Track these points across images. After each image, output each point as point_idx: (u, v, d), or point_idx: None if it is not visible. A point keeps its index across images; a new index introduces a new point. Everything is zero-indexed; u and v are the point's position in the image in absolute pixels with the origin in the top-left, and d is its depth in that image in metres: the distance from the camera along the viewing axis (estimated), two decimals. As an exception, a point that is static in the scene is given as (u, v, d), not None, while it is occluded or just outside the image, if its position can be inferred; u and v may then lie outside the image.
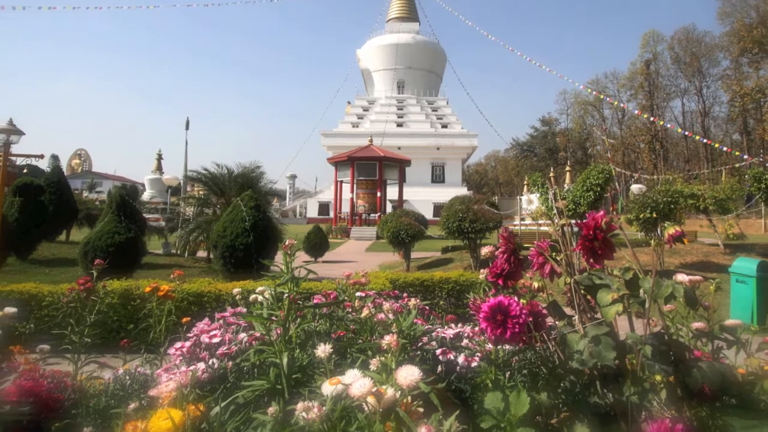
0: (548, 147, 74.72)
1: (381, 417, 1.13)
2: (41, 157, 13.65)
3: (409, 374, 1.19)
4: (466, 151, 57.08)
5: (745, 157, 32.06)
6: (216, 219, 11.79)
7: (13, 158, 12.65)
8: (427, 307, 2.55)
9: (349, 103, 62.37)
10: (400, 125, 56.23)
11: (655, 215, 11.74)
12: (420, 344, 1.97)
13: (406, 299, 2.45)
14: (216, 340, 1.95)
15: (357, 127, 56.10)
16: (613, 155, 56.57)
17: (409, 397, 1.20)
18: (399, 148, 46.59)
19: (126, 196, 11.28)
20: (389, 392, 1.15)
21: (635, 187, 29.36)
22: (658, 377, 1.23)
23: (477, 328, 1.94)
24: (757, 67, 54.57)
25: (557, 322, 1.48)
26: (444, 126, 56.62)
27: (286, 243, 1.91)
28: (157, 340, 2.31)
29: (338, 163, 35.42)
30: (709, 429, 1.26)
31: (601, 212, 1.35)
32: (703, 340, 1.54)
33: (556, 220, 1.50)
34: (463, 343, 2.00)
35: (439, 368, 1.83)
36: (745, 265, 7.65)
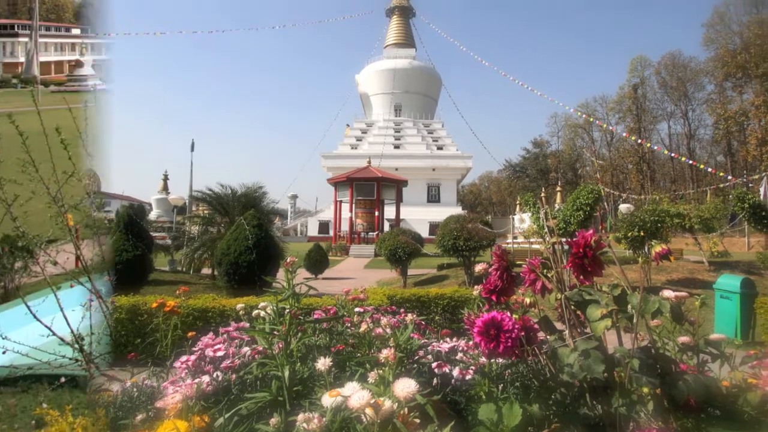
0: (540, 168, 75.06)
1: (379, 428, 1.16)
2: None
3: (405, 387, 1.23)
4: (460, 172, 57.41)
5: (729, 177, 32.53)
6: (220, 237, 11.79)
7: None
8: (423, 322, 2.58)
9: (348, 125, 62.72)
10: (397, 147, 56.58)
11: (642, 234, 11.83)
12: (416, 358, 2.00)
13: (403, 314, 2.46)
14: (220, 353, 1.98)
15: (356, 149, 56.35)
16: (602, 176, 56.90)
17: (406, 409, 1.24)
18: (396, 169, 46.78)
19: (133, 215, 11.36)
20: (387, 404, 1.18)
21: (623, 207, 29.45)
22: (645, 389, 1.27)
23: (471, 343, 1.97)
24: (741, 91, 55.42)
25: (548, 337, 1.52)
26: (439, 148, 57.01)
27: (288, 260, 1.96)
28: (164, 354, 2.33)
29: (338, 183, 35.61)
30: (694, 439, 1.30)
31: (591, 231, 1.41)
32: (688, 353, 1.59)
33: (548, 239, 1.56)
34: (457, 357, 2.03)
35: (435, 381, 1.87)
36: (729, 281, 7.77)
